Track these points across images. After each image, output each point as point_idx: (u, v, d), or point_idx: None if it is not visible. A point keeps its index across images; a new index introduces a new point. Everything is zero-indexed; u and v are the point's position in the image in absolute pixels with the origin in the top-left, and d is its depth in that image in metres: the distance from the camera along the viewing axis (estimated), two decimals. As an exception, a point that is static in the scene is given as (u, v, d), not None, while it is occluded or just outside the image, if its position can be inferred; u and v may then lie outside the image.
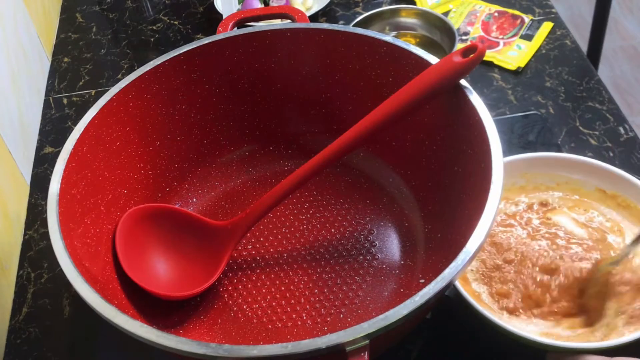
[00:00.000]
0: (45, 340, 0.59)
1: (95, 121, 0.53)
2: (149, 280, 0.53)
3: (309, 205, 0.62)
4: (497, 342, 0.51)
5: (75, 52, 0.89)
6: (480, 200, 0.45)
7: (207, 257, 0.56)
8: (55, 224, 0.46)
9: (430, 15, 0.77)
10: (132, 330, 0.40)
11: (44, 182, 0.72)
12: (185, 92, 0.60)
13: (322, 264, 0.57)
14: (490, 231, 0.43)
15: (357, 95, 0.61)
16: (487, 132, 0.48)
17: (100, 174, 0.53)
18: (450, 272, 0.41)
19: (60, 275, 0.63)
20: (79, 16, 0.95)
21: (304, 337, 0.49)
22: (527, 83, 0.77)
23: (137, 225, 0.55)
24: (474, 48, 0.49)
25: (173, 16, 0.93)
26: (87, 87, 0.83)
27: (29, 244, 0.67)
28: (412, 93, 0.51)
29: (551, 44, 0.81)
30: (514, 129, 0.71)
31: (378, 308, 0.54)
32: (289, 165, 0.65)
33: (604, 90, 0.75)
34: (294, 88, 0.63)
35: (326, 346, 0.38)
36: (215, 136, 0.63)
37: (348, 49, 0.59)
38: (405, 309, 0.39)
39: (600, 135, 0.70)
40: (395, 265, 0.57)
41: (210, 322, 0.54)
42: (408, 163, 0.60)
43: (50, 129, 0.78)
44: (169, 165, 0.61)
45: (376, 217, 0.60)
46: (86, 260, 0.47)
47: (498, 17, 0.85)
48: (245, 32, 0.60)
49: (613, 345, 0.47)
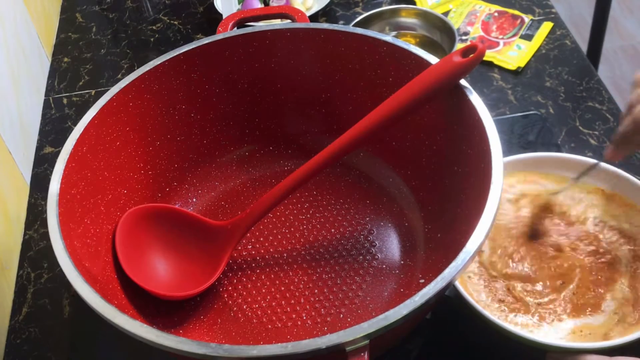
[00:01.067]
0: (45, 340, 0.59)
1: (95, 121, 0.53)
2: (149, 280, 0.53)
3: (309, 205, 0.62)
4: (497, 342, 0.51)
5: (75, 52, 0.89)
6: (480, 200, 0.45)
7: (207, 257, 0.56)
8: (55, 224, 0.46)
9: (430, 15, 0.77)
10: (132, 330, 0.40)
11: (44, 182, 0.72)
12: (185, 92, 0.60)
13: (322, 264, 0.57)
14: (490, 231, 0.43)
15: (357, 95, 0.61)
16: (487, 132, 0.48)
17: (100, 174, 0.53)
18: (450, 272, 0.41)
19: (60, 275, 0.63)
20: (79, 16, 0.95)
21: (304, 337, 0.49)
22: (527, 83, 0.77)
23: (137, 225, 0.55)
24: (474, 48, 0.49)
25: (173, 16, 0.93)
26: (87, 87, 0.83)
27: (29, 244, 0.67)
28: (412, 93, 0.51)
29: (551, 44, 0.81)
30: (514, 129, 0.71)
31: (378, 308, 0.54)
32: (289, 165, 0.65)
33: (604, 90, 0.75)
34: (294, 88, 0.63)
35: (326, 346, 0.38)
36: (215, 136, 0.63)
37: (348, 49, 0.59)
38: (405, 309, 0.39)
39: (600, 135, 0.70)
40: (395, 265, 0.57)
41: (210, 322, 0.54)
42: (408, 163, 0.60)
43: (50, 129, 0.78)
44: (169, 165, 0.61)
45: (376, 217, 0.60)
46: (86, 260, 0.47)
47: (498, 17, 0.85)
48: (245, 32, 0.60)
49: (613, 345, 0.47)
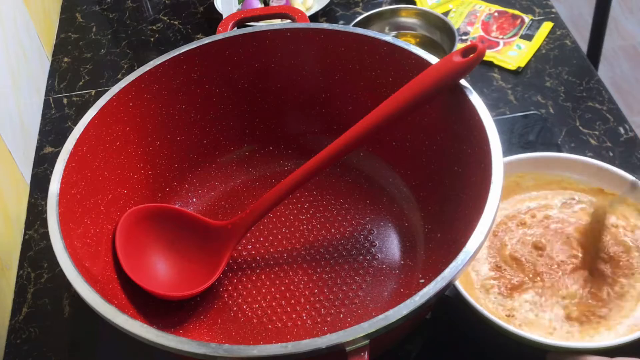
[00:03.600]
0: (45, 340, 0.59)
1: (95, 121, 0.53)
2: (149, 280, 0.53)
3: (309, 205, 0.62)
4: (497, 342, 0.51)
5: (75, 52, 0.89)
6: (480, 200, 0.45)
7: (207, 257, 0.56)
8: (55, 224, 0.46)
9: (430, 15, 0.77)
10: (132, 330, 0.40)
11: (44, 182, 0.72)
12: (185, 92, 0.60)
13: (322, 264, 0.57)
14: (490, 231, 0.43)
15: (357, 95, 0.61)
16: (487, 132, 0.48)
17: (100, 174, 0.53)
18: (450, 272, 0.41)
19: (60, 275, 0.63)
20: (79, 16, 0.95)
21: (304, 337, 0.49)
22: (527, 83, 0.77)
23: (137, 225, 0.55)
24: (474, 48, 0.49)
25: (173, 16, 0.93)
26: (87, 87, 0.83)
27: (29, 244, 0.67)
28: (412, 93, 0.51)
29: (551, 43, 0.81)
30: (514, 129, 0.71)
31: (378, 308, 0.54)
32: (289, 165, 0.65)
33: (604, 90, 0.75)
34: (294, 88, 0.63)
35: (326, 346, 0.38)
36: (215, 136, 0.63)
37: (348, 49, 0.59)
38: (405, 309, 0.39)
39: (600, 135, 0.70)
40: (395, 265, 0.57)
41: (210, 322, 0.54)
42: (408, 163, 0.60)
43: (50, 129, 0.78)
44: (169, 165, 0.61)
45: (376, 217, 0.60)
46: (86, 260, 0.47)
47: (498, 17, 0.85)
48: (245, 32, 0.60)
49: (613, 345, 0.47)
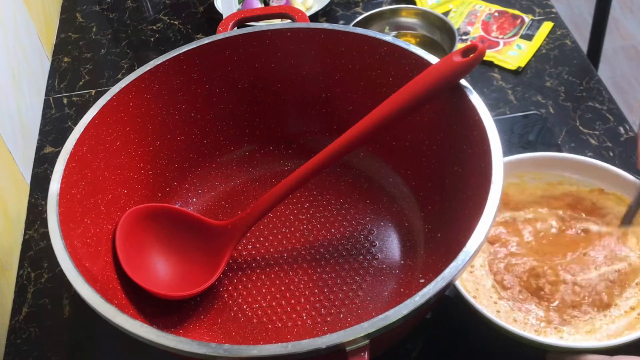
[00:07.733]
0: (45, 340, 0.59)
1: (95, 121, 0.53)
2: (149, 280, 0.53)
3: (309, 205, 0.62)
4: (497, 342, 0.51)
5: (75, 52, 0.89)
6: (480, 200, 0.45)
7: (207, 257, 0.56)
8: (55, 224, 0.46)
9: (430, 15, 0.77)
10: (132, 330, 0.40)
11: (44, 182, 0.72)
12: (185, 92, 0.60)
13: (322, 264, 0.57)
14: (490, 231, 0.43)
15: (357, 95, 0.61)
16: (487, 132, 0.48)
17: (100, 174, 0.53)
18: (450, 272, 0.41)
19: (60, 275, 0.63)
20: (79, 16, 0.95)
21: (304, 337, 0.49)
22: (527, 83, 0.77)
23: (137, 225, 0.55)
24: (474, 48, 0.49)
25: (173, 16, 0.93)
26: (87, 87, 0.83)
27: (29, 244, 0.67)
28: (412, 93, 0.51)
29: (551, 43, 0.81)
30: (514, 129, 0.71)
31: (378, 308, 0.54)
32: (289, 165, 0.65)
33: (604, 90, 0.75)
34: (294, 88, 0.63)
35: (326, 346, 0.38)
36: (215, 136, 0.63)
37: (348, 49, 0.59)
38: (406, 309, 0.39)
39: (600, 135, 0.70)
40: (395, 265, 0.57)
41: (210, 322, 0.54)
42: (408, 163, 0.60)
43: (50, 128, 0.78)
44: (169, 165, 0.61)
45: (376, 217, 0.60)
46: (86, 260, 0.47)
47: (498, 17, 0.85)
48: (245, 32, 0.60)
49: (613, 345, 0.47)
